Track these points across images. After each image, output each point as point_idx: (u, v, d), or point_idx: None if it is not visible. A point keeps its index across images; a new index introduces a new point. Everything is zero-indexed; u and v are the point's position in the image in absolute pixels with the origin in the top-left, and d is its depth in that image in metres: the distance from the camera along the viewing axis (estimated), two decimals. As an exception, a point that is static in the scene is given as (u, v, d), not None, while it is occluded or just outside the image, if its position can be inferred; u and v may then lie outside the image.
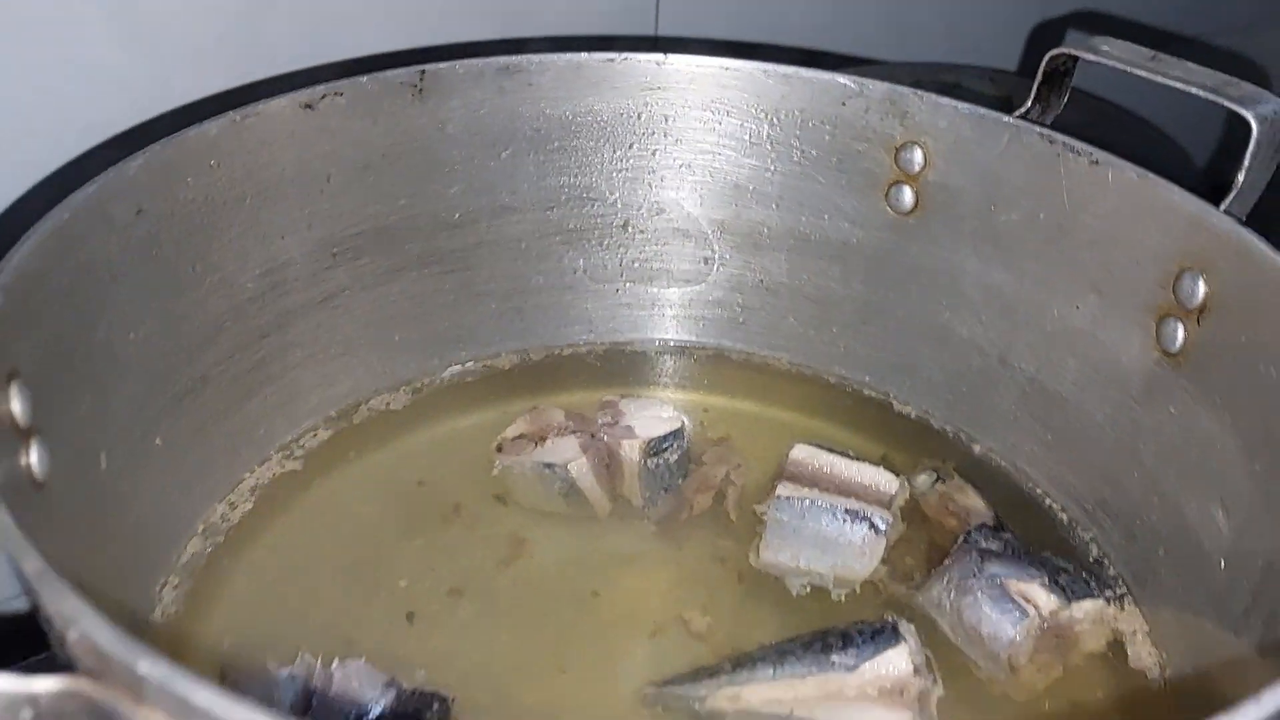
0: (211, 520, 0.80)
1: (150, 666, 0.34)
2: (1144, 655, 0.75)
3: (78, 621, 0.36)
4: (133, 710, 0.37)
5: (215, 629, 0.74)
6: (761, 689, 0.70)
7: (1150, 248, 0.75)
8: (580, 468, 0.85)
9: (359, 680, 0.66)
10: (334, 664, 0.67)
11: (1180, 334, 0.73)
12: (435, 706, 0.67)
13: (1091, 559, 0.82)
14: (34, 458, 0.56)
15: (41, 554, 0.42)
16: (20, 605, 0.93)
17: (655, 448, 0.87)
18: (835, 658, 0.70)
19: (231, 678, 0.68)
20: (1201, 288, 0.71)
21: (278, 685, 0.66)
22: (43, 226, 0.61)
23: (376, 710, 0.65)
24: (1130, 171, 0.75)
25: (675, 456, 0.87)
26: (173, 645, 0.71)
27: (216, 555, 0.78)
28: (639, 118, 0.94)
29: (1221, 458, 0.69)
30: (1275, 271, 0.66)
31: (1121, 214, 0.76)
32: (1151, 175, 0.73)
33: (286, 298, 0.83)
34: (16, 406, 0.54)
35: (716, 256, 0.98)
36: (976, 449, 0.92)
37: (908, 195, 0.89)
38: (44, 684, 0.38)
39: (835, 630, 0.73)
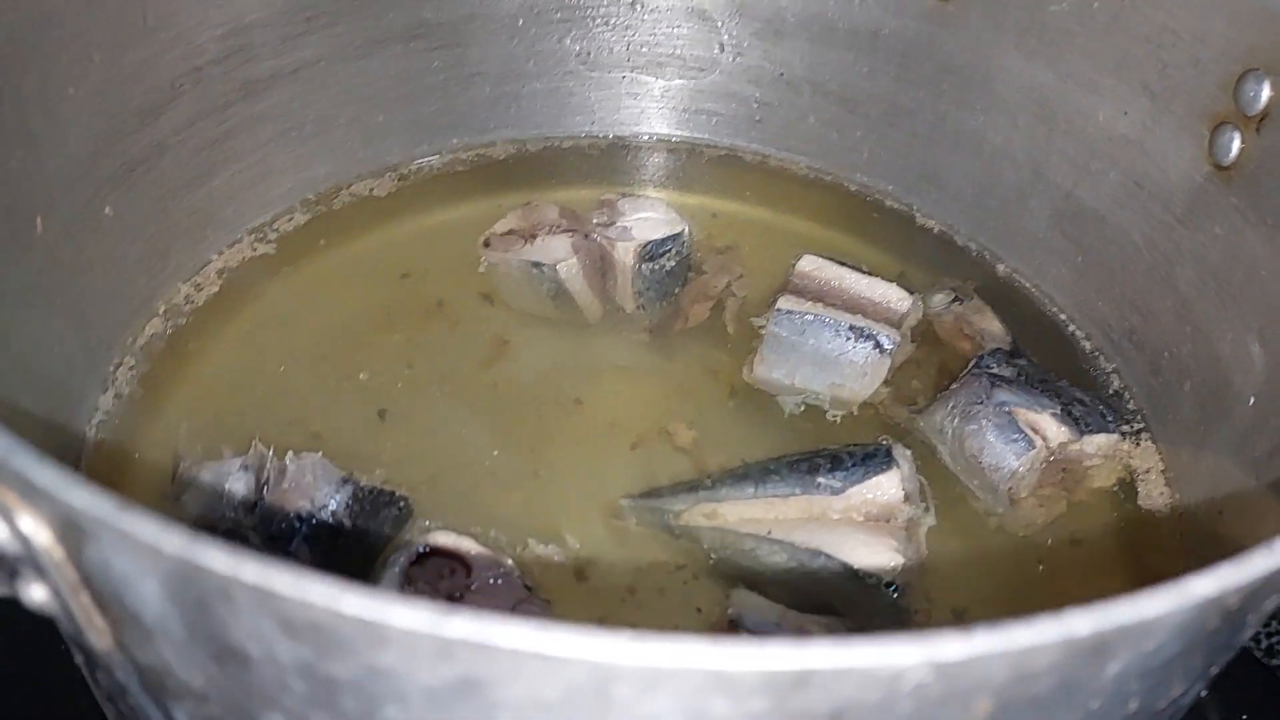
0: (174, 301, 0.76)
1: (21, 462, 0.30)
2: (1155, 494, 0.70)
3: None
4: (16, 505, 0.33)
5: (173, 414, 0.71)
6: (740, 506, 0.66)
7: (1214, 45, 0.65)
8: (570, 269, 0.79)
9: (314, 475, 0.63)
10: (288, 456, 0.63)
11: (1236, 144, 0.65)
12: (395, 506, 0.64)
13: (1111, 391, 0.76)
14: (-55, 213, 0.51)
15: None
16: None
17: (652, 252, 0.80)
18: (821, 479, 0.66)
19: (184, 464, 0.65)
20: (1266, 91, 0.62)
21: (229, 475, 0.62)
22: (-50, -49, 0.54)
23: (331, 507, 0.62)
24: (1203, -46, 0.65)
25: (673, 263, 0.81)
26: (125, 427, 0.68)
27: (177, 338, 0.74)
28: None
29: (1266, 285, 0.62)
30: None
31: (1186, 5, 0.67)
32: (1227, -42, 0.64)
33: (253, 65, 0.76)
34: (-83, 153, 0.49)
35: (732, 43, 0.89)
36: (1000, 269, 0.85)
37: (949, -22, 0.79)
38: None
39: (825, 451, 0.68)
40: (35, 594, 0.36)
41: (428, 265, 0.83)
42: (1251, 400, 0.62)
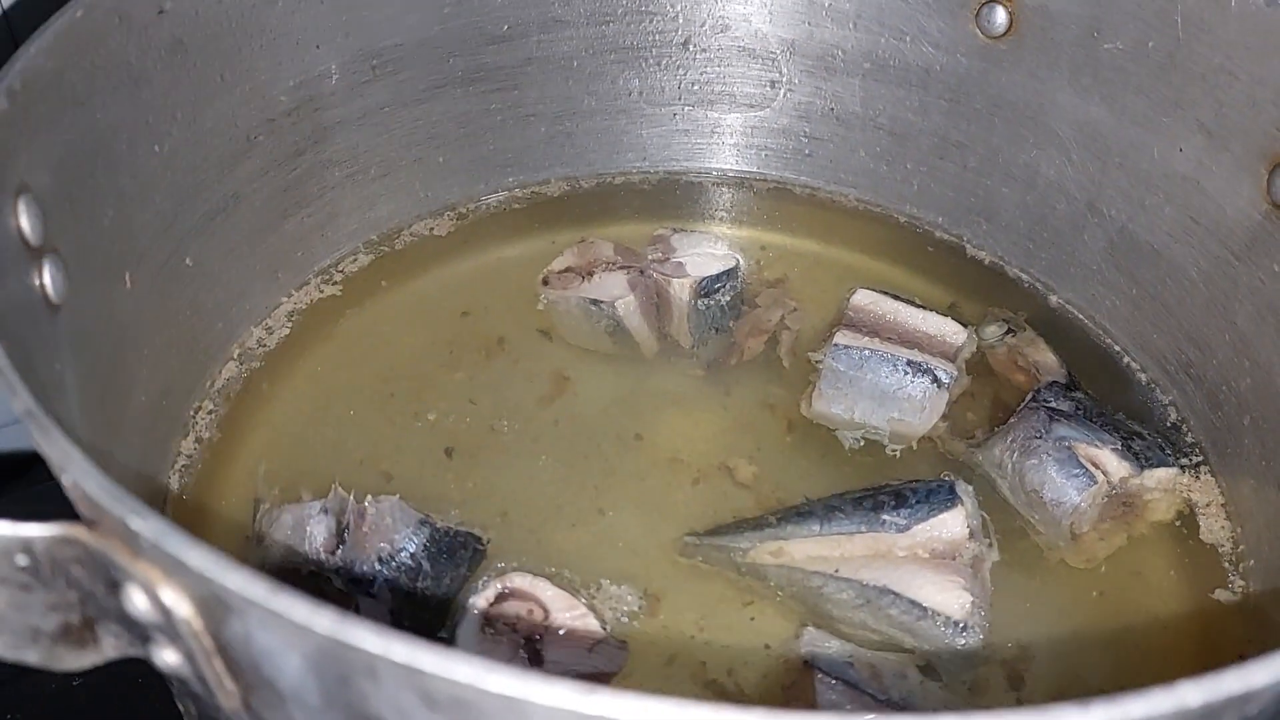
0: (247, 345, 0.78)
1: (143, 523, 0.32)
2: (1217, 528, 0.71)
3: (68, 468, 0.34)
4: (129, 562, 0.35)
5: (250, 455, 0.73)
6: (807, 544, 0.67)
7: (1272, 86, 0.66)
8: (628, 306, 0.81)
9: (392, 518, 0.64)
10: (367, 500, 0.65)
11: (1296, 184, 0.66)
12: (469, 548, 0.66)
13: (1169, 424, 0.77)
14: (47, 278, 0.53)
15: (41, 386, 0.39)
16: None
17: (707, 287, 0.82)
18: (886, 516, 0.67)
19: (264, 507, 0.67)
20: (1328, 134, 0.63)
21: (309, 518, 0.64)
22: (53, 25, 0.56)
23: (410, 549, 0.63)
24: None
25: (727, 297, 0.83)
26: (207, 471, 0.70)
27: (252, 381, 0.76)
28: (706, -79, 0.85)
29: (1329, 325, 0.63)
30: None
31: (1243, 46, 0.68)
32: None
33: (322, 113, 0.78)
34: (26, 223, 0.51)
35: (784, 80, 0.91)
36: (1053, 300, 0.86)
37: (1000, 16, 0.80)
38: (38, 530, 0.36)
39: (888, 488, 0.70)
40: (167, 657, 0.38)
41: (488, 303, 0.85)
42: (1315, 438, 0.63)
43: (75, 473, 0.33)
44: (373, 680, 0.31)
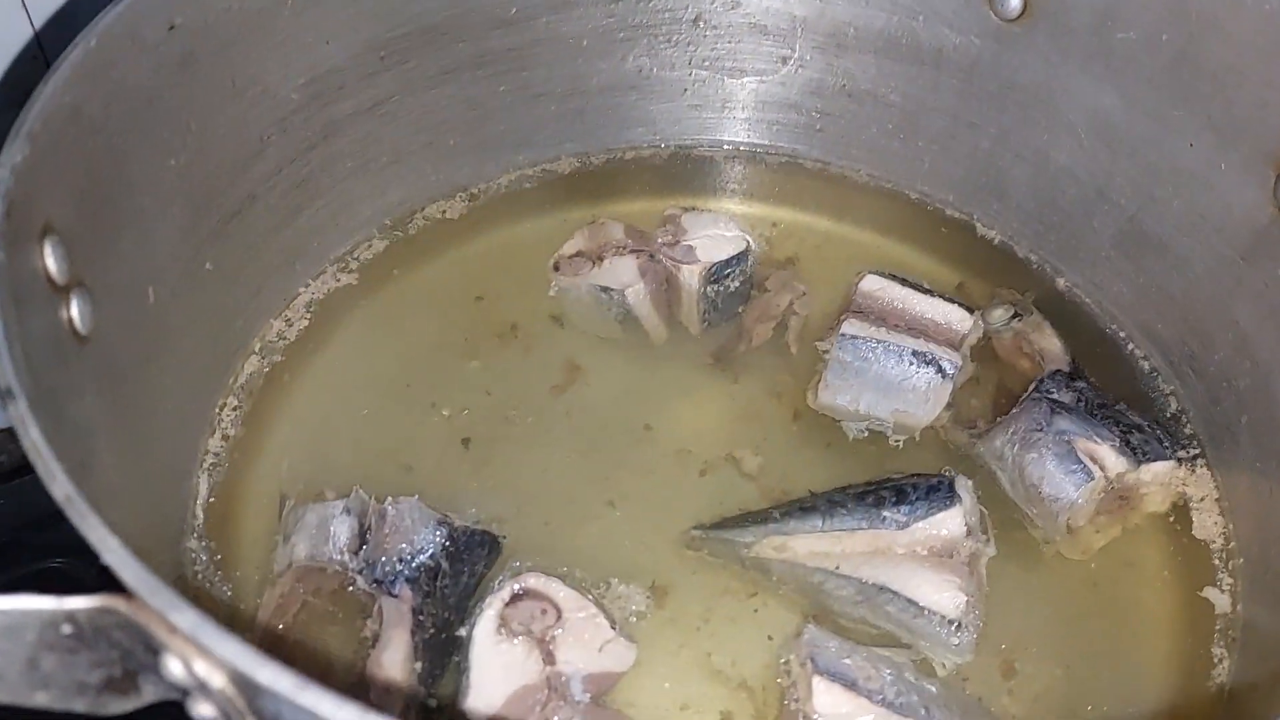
0: (268, 338, 0.80)
1: (179, 616, 0.34)
2: (1210, 524, 0.73)
3: (105, 555, 0.36)
4: (166, 636, 0.37)
5: (275, 450, 0.75)
6: (809, 540, 0.70)
7: (1283, 90, 0.66)
8: (637, 294, 0.82)
9: (411, 519, 0.67)
10: (388, 501, 0.68)
11: (1302, 193, 0.66)
12: (486, 545, 0.69)
13: (1169, 414, 0.78)
14: (75, 311, 0.55)
15: (73, 431, 0.41)
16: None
17: (716, 274, 0.83)
18: (887, 513, 0.69)
19: (289, 504, 0.70)
20: (1336, 147, 0.63)
21: (333, 518, 0.67)
22: (69, 58, 0.57)
23: (430, 550, 0.66)
24: (1269, 0, 0.65)
25: (737, 284, 0.84)
26: (234, 469, 0.73)
27: (274, 374, 0.79)
28: (716, -104, 0.84)
29: (1327, 338, 0.64)
30: None
31: (1253, 47, 0.67)
32: (1298, 7, 0.64)
33: (333, 107, 0.79)
34: (53, 264, 0.53)
35: (796, 56, 0.90)
36: (1061, 283, 0.86)
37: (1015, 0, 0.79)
38: (79, 603, 0.39)
39: (889, 483, 0.72)
40: (204, 711, 0.41)
41: (500, 287, 0.86)
42: (1306, 448, 0.64)
43: (113, 561, 0.36)
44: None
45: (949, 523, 0.68)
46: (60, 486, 0.37)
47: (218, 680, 0.38)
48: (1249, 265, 0.71)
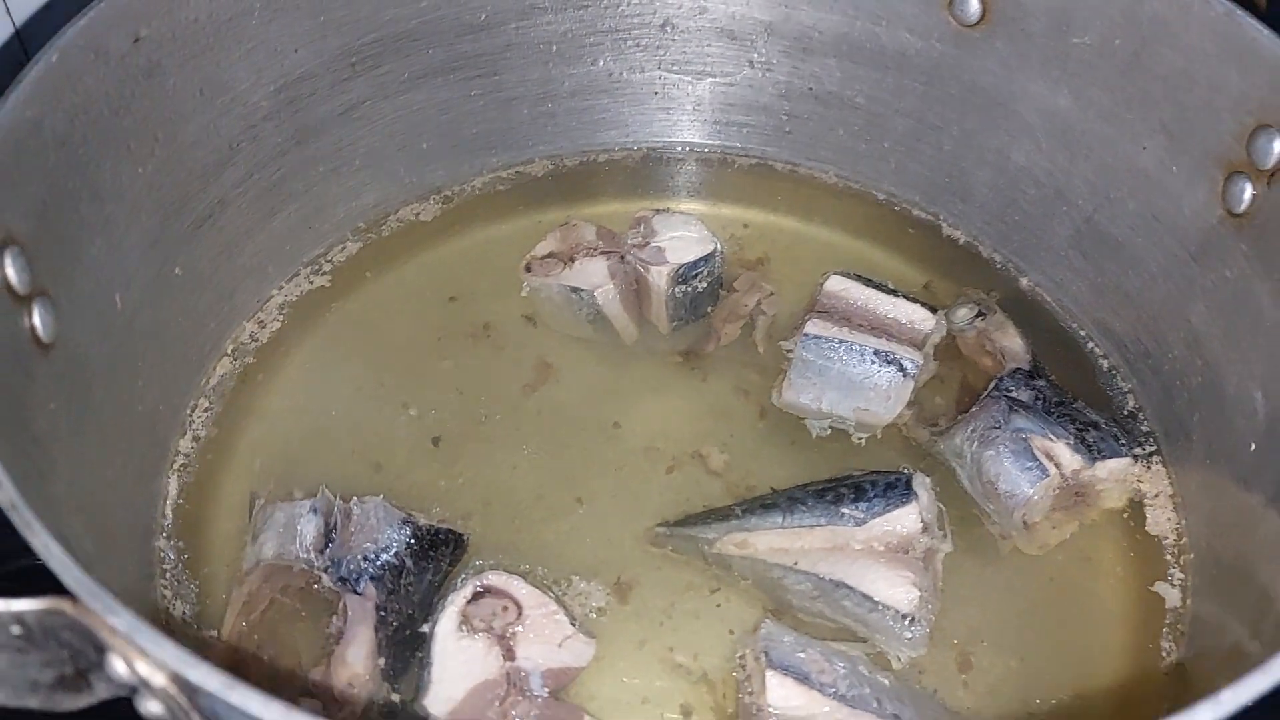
0: (240, 340, 0.81)
1: (117, 619, 0.35)
2: (1164, 520, 0.74)
3: (46, 558, 0.38)
4: (109, 636, 0.39)
5: (246, 450, 0.77)
6: (769, 536, 0.71)
7: (1229, 94, 0.67)
8: (607, 295, 0.84)
9: (376, 518, 0.68)
10: (353, 500, 0.69)
11: (1248, 194, 0.67)
12: (450, 544, 0.70)
13: (1127, 411, 0.80)
14: (37, 320, 0.56)
15: (33, 441, 0.42)
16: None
17: (685, 274, 0.84)
18: (845, 509, 0.71)
19: (258, 505, 0.71)
20: (1278, 148, 0.64)
21: (300, 516, 0.68)
22: (30, 74, 0.58)
23: (394, 548, 0.67)
24: (1217, 6, 0.66)
25: (705, 284, 0.85)
26: (205, 469, 0.75)
27: (246, 376, 0.80)
28: (681, -96, 0.85)
29: (1271, 338, 0.65)
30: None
31: (1202, 52, 0.68)
32: (1240, 13, 0.65)
33: (304, 113, 0.80)
34: (13, 275, 0.54)
35: (763, 60, 0.91)
36: (1024, 282, 0.88)
37: (974, 5, 0.80)
38: (27, 605, 0.40)
39: (849, 480, 0.73)
40: (151, 707, 0.43)
41: (474, 287, 0.88)
42: (1252, 446, 0.65)
43: (55, 565, 0.37)
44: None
45: (905, 519, 0.70)
46: (4, 493, 0.39)
47: (159, 679, 0.39)
48: (1199, 265, 0.72)
